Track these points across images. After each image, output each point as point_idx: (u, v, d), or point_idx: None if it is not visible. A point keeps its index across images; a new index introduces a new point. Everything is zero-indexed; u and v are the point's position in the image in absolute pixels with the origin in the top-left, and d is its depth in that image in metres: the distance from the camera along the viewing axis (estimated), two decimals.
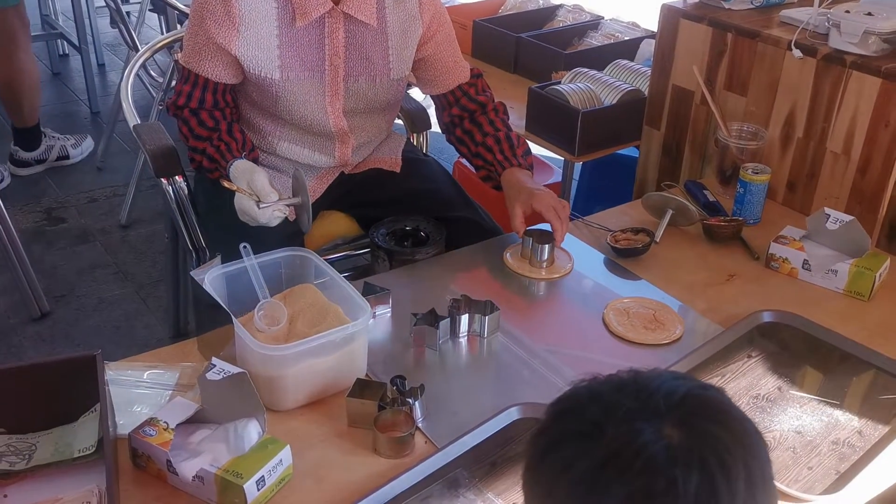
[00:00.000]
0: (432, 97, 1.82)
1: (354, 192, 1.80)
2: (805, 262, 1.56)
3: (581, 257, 1.61)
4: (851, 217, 1.54)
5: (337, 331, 1.20)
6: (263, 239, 1.45)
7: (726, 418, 0.70)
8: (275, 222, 1.47)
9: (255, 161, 1.60)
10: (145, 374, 1.27)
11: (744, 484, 0.67)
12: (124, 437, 1.11)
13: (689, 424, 0.68)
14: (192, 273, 1.27)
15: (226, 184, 1.50)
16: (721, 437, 0.68)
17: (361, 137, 1.74)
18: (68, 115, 4.01)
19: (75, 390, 1.14)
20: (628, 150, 2.35)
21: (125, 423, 1.15)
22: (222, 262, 1.29)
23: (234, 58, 1.57)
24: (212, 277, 1.25)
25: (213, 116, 1.63)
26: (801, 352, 1.42)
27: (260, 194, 1.45)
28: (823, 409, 1.29)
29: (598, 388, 0.73)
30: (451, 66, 1.75)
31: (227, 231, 1.69)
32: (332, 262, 1.77)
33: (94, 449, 1.11)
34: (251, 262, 1.27)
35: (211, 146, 1.60)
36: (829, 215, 1.55)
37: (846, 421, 1.27)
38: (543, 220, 1.58)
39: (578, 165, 2.84)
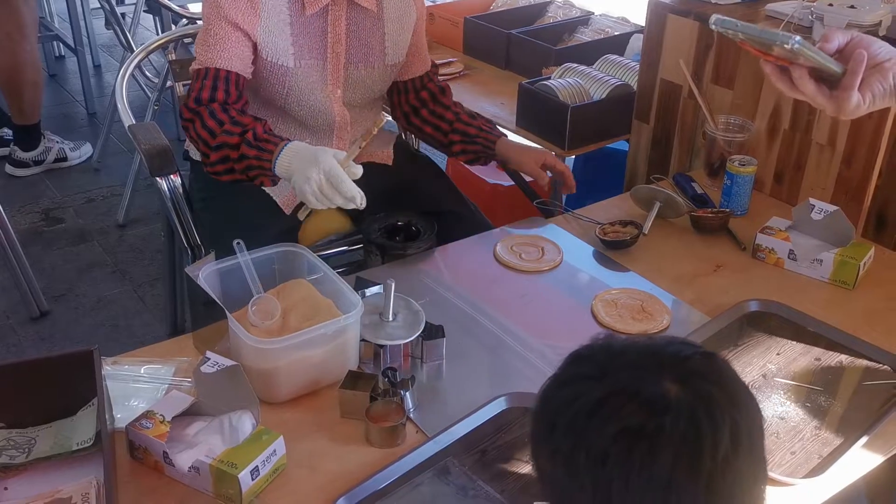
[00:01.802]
0: (396, 83, 1.85)
1: None
2: (791, 252, 1.59)
3: (570, 250, 1.64)
4: (836, 207, 1.56)
5: (329, 324, 1.22)
6: (258, 236, 1.47)
7: (723, 380, 0.75)
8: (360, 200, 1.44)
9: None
10: (142, 369, 1.29)
11: (729, 436, 0.70)
12: (122, 430, 1.13)
13: (686, 381, 0.72)
14: (186, 269, 1.29)
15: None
16: (713, 393, 0.72)
17: (356, 131, 1.77)
18: (65, 117, 4.03)
19: (74, 385, 1.16)
20: (619, 144, 2.37)
21: (122, 416, 1.17)
22: (217, 259, 1.32)
23: (253, 44, 1.60)
24: (206, 274, 1.28)
25: (244, 111, 1.61)
26: (787, 340, 1.44)
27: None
28: (807, 395, 1.31)
29: (612, 342, 0.79)
30: (424, 53, 1.83)
31: (221, 228, 1.72)
32: (326, 258, 1.79)
33: (92, 442, 1.13)
34: (244, 259, 1.29)
35: (261, 126, 1.54)
36: (814, 206, 1.58)
37: (829, 407, 1.29)
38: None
39: (570, 159, 2.86)
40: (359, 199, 1.42)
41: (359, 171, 1.44)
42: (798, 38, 0.95)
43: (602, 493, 0.71)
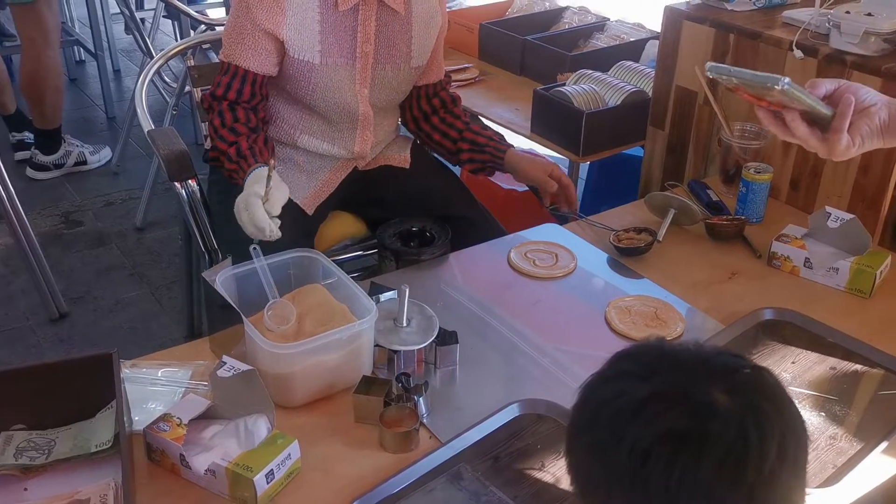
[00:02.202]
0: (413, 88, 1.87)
1: (365, 190, 1.84)
2: (806, 260, 1.58)
3: (584, 256, 1.64)
4: (852, 215, 1.56)
5: (344, 329, 1.23)
6: (274, 241, 1.49)
7: (773, 396, 0.73)
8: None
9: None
10: (160, 372, 1.31)
11: (776, 451, 0.69)
12: (139, 433, 1.15)
13: (736, 392, 0.71)
14: (203, 274, 1.31)
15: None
16: (763, 406, 0.71)
17: (379, 132, 1.80)
18: (85, 121, 4.07)
19: (93, 388, 1.18)
20: (635, 150, 2.37)
21: (140, 419, 1.18)
22: (233, 264, 1.33)
23: (280, 43, 1.62)
24: (223, 278, 1.29)
25: (249, 117, 1.66)
26: (802, 349, 1.44)
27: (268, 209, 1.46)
28: (822, 404, 1.31)
29: (662, 344, 0.78)
30: (440, 61, 1.85)
31: (238, 233, 1.73)
32: (340, 263, 1.80)
33: (110, 444, 1.14)
34: (261, 263, 1.31)
35: (246, 142, 1.61)
36: (830, 214, 1.57)
37: (844, 416, 1.29)
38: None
39: (585, 165, 2.86)
40: (267, 232, 1.44)
41: (274, 210, 1.46)
42: (787, 79, 1.00)
43: (638, 491, 0.70)
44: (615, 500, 0.72)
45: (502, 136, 1.89)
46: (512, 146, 1.83)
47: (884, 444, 1.20)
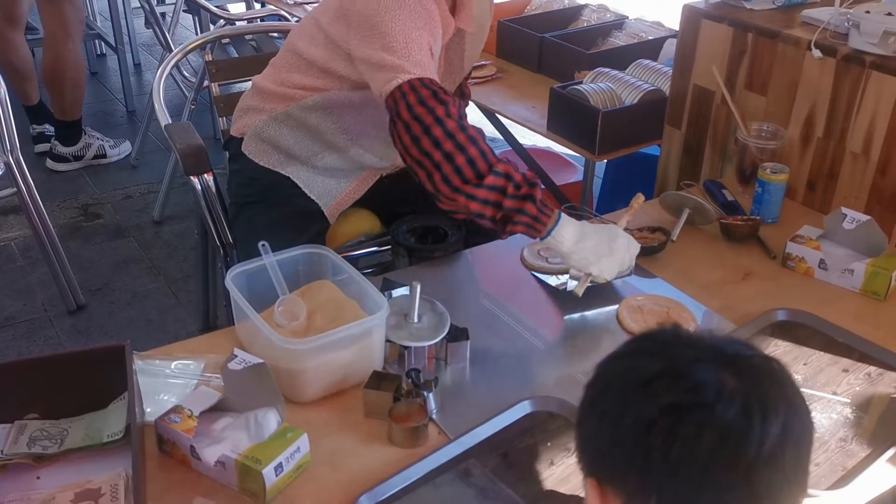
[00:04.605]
0: None
1: (384, 189, 1.84)
2: (821, 261, 1.57)
3: None
4: (868, 217, 1.54)
5: (355, 325, 1.24)
6: (287, 236, 1.50)
7: (780, 382, 0.75)
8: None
9: None
10: (172, 364, 1.32)
11: (778, 431, 0.71)
12: (151, 424, 1.16)
13: (745, 376, 0.73)
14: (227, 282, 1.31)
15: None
16: (770, 391, 0.73)
17: None
18: (105, 114, 4.11)
19: (105, 379, 1.19)
20: (652, 149, 2.36)
21: (152, 410, 1.20)
22: (249, 259, 1.34)
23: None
24: (233, 275, 1.30)
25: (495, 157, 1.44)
26: (815, 350, 1.43)
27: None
28: (834, 406, 1.30)
29: (678, 330, 0.80)
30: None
31: (253, 228, 1.75)
32: (355, 258, 1.82)
33: (122, 435, 1.15)
34: (270, 260, 1.32)
35: (533, 204, 1.39)
36: (846, 215, 1.56)
37: (856, 419, 1.28)
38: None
39: (602, 164, 2.86)
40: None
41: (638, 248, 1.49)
42: None
43: (642, 459, 0.72)
44: (618, 471, 0.75)
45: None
46: None
47: (894, 449, 1.19)
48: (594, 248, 1.41)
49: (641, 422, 0.72)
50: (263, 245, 1.32)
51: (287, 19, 2.90)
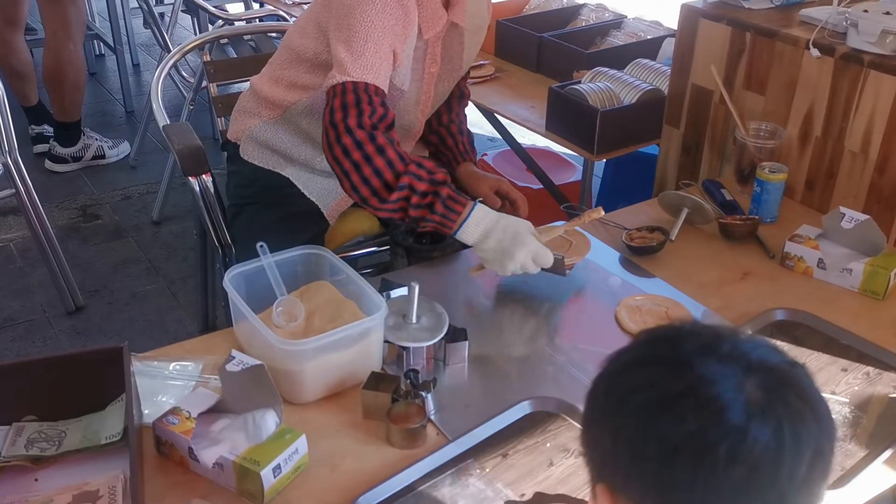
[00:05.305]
0: None
1: None
2: (820, 260, 1.57)
3: (596, 254, 1.63)
4: (866, 216, 1.54)
5: (354, 326, 1.24)
6: (286, 237, 1.50)
7: (809, 396, 0.70)
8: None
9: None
10: (171, 366, 1.31)
11: (809, 459, 0.67)
12: (149, 426, 1.16)
13: (772, 389, 0.68)
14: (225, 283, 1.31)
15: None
16: (801, 410, 0.68)
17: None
18: (103, 115, 4.11)
19: (104, 380, 1.19)
20: (650, 148, 2.36)
21: (150, 412, 1.19)
22: (248, 259, 1.34)
23: (393, 71, 1.53)
24: (231, 276, 1.30)
25: (407, 156, 1.47)
26: (813, 349, 1.43)
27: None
28: (832, 406, 1.29)
29: (699, 329, 0.75)
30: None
31: (251, 228, 1.75)
32: (353, 259, 1.82)
33: (120, 436, 1.15)
34: (268, 261, 1.31)
35: (439, 202, 1.44)
36: (845, 214, 1.56)
37: (855, 419, 1.28)
38: None
39: (601, 163, 2.85)
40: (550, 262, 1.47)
41: (550, 259, 1.47)
42: None
43: (662, 484, 0.68)
44: (635, 488, 0.70)
45: (475, 152, 1.88)
46: (472, 163, 1.83)
47: (893, 448, 1.19)
48: (495, 248, 1.44)
49: (666, 447, 0.67)
50: (262, 246, 1.32)
51: (285, 19, 2.90)
